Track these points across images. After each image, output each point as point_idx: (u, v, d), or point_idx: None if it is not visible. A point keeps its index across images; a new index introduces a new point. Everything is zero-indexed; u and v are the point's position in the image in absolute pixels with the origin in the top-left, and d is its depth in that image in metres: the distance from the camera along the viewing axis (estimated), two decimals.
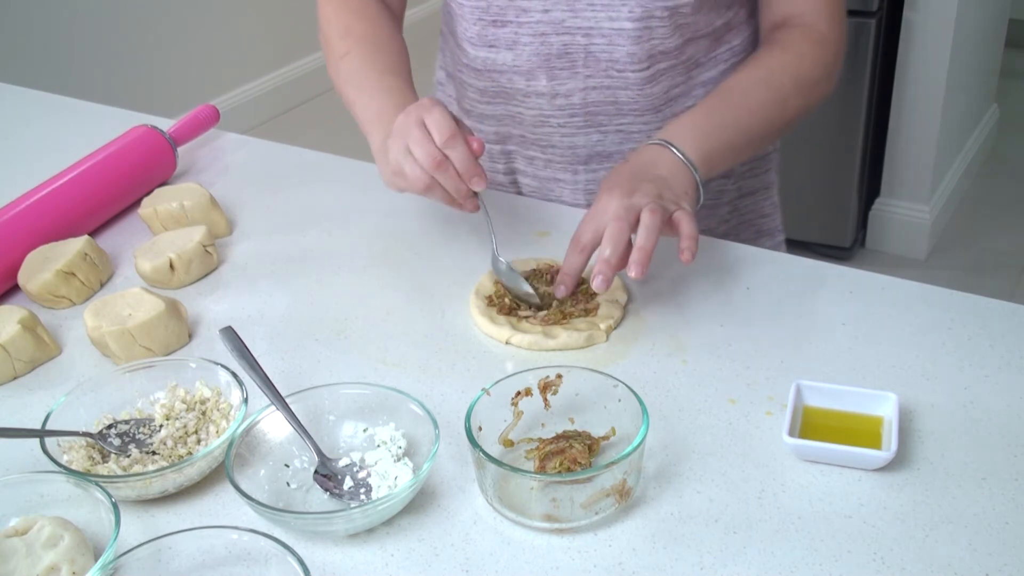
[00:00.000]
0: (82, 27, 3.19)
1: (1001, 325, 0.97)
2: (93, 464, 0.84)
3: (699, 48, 1.18)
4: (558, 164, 1.23)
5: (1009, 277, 2.85)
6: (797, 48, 1.12)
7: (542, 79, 1.16)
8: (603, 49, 1.13)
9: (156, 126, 1.32)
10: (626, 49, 1.12)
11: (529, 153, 1.25)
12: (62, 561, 0.73)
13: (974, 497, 0.79)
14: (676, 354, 0.96)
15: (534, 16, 1.13)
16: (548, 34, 1.13)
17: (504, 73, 1.18)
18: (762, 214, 1.33)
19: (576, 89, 1.16)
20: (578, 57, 1.14)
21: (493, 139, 1.26)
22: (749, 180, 1.30)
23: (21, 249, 1.11)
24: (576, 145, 1.21)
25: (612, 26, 1.11)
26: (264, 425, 0.84)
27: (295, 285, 1.10)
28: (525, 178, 1.28)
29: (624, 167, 1.02)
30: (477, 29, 1.16)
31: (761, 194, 1.32)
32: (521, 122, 1.22)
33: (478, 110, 1.25)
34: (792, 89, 1.11)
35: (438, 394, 0.92)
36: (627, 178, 0.99)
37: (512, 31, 1.14)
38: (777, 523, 0.77)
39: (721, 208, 1.29)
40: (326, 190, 1.29)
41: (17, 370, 0.98)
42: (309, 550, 0.77)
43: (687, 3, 1.10)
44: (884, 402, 0.85)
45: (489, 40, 1.16)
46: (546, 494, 0.78)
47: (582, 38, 1.13)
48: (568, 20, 1.12)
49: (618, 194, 0.96)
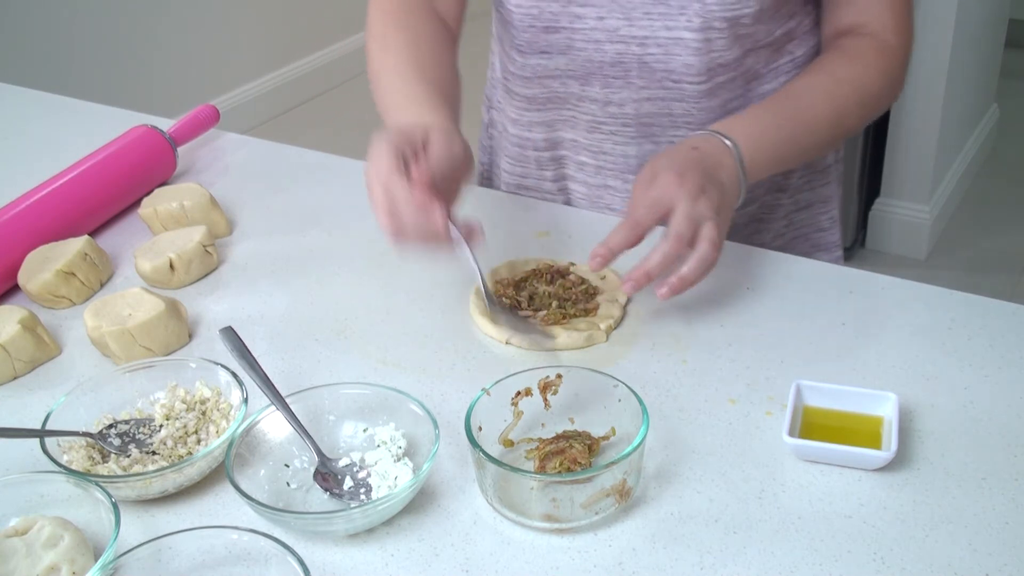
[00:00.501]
0: (82, 27, 3.19)
1: (1001, 325, 0.97)
2: (93, 464, 0.85)
3: (759, 59, 1.14)
4: (609, 171, 1.20)
5: (1009, 277, 2.85)
6: (864, 59, 1.09)
7: (595, 85, 1.14)
8: (658, 59, 1.09)
9: (156, 126, 1.32)
10: (683, 60, 1.09)
11: (580, 159, 1.22)
12: (62, 561, 0.73)
13: (974, 497, 0.79)
14: (676, 354, 0.96)
15: (588, 23, 1.10)
16: (602, 41, 1.10)
17: (557, 78, 1.15)
18: (819, 228, 1.28)
19: (629, 99, 1.13)
20: (632, 67, 1.11)
21: (543, 146, 1.23)
22: (806, 193, 1.26)
23: (21, 249, 1.11)
24: (628, 154, 1.18)
25: (669, 36, 1.08)
26: (264, 425, 0.84)
27: (295, 285, 1.10)
28: (575, 184, 1.24)
29: (694, 155, 0.98)
30: (528, 36, 1.14)
31: (818, 208, 1.27)
32: (574, 127, 1.19)
33: (526, 118, 1.22)
34: (855, 103, 1.08)
35: (438, 394, 0.92)
36: (698, 171, 0.95)
37: (566, 37, 1.12)
38: (777, 523, 0.77)
39: (776, 222, 1.25)
40: (326, 190, 1.29)
41: (17, 370, 0.98)
42: (309, 550, 0.77)
43: (748, 12, 1.06)
44: (884, 402, 0.85)
45: (541, 46, 1.14)
46: (546, 494, 0.78)
47: (637, 47, 1.09)
48: (623, 28, 1.09)
49: (687, 189, 0.93)
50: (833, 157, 1.28)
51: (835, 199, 1.28)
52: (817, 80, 1.08)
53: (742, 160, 1.00)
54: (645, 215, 0.94)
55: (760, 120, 1.04)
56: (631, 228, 0.94)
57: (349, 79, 4.20)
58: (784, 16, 1.13)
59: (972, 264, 2.90)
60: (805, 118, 1.06)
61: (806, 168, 1.24)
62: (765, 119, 1.05)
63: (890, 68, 1.10)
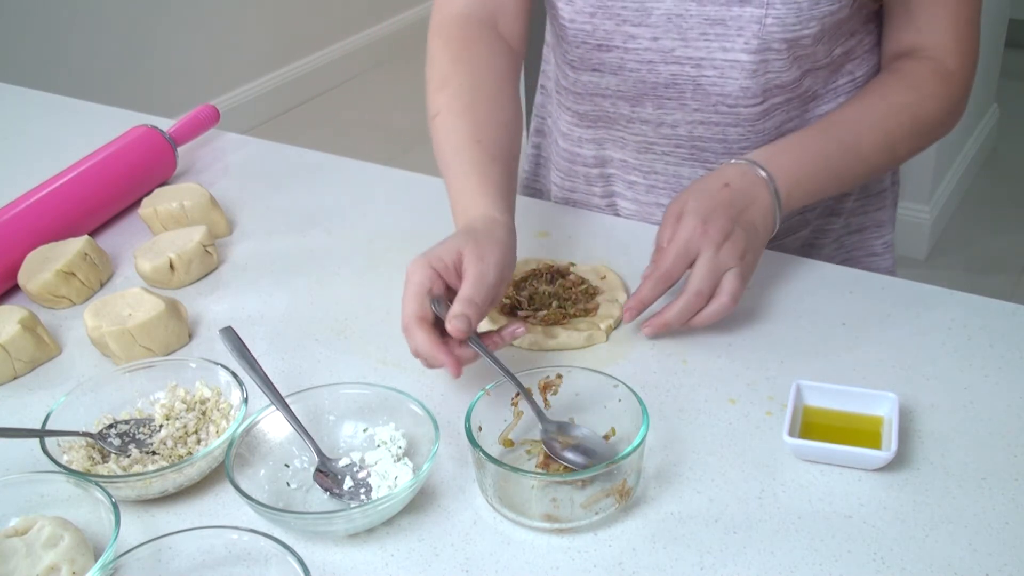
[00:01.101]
0: (82, 27, 3.19)
1: (1001, 325, 0.97)
2: (93, 464, 0.85)
3: (817, 79, 1.10)
4: (661, 190, 1.17)
5: (1009, 277, 2.85)
6: (924, 86, 1.04)
7: (648, 107, 1.10)
8: (713, 82, 1.06)
9: (156, 126, 1.32)
10: (739, 83, 1.05)
11: (630, 178, 1.19)
12: (62, 561, 0.73)
13: (974, 497, 0.79)
14: (676, 354, 0.96)
15: (642, 43, 1.06)
16: (656, 62, 1.07)
17: (608, 97, 1.12)
18: (872, 252, 1.24)
19: (683, 121, 1.10)
20: (686, 88, 1.07)
21: (592, 163, 1.21)
22: (860, 217, 1.22)
23: (21, 249, 1.11)
24: (681, 175, 1.15)
25: (725, 57, 1.04)
26: (264, 425, 0.84)
27: (295, 285, 1.10)
28: (624, 201, 1.22)
29: (725, 194, 0.96)
30: (580, 52, 1.10)
31: (872, 232, 1.23)
32: (624, 147, 1.16)
33: (576, 134, 1.20)
34: (908, 132, 1.04)
35: (438, 394, 0.92)
36: (725, 215, 0.94)
37: (618, 56, 1.08)
38: (777, 523, 0.77)
39: (827, 247, 1.22)
40: (326, 190, 1.29)
41: (17, 370, 0.98)
42: (309, 550, 0.77)
43: (808, 35, 1.02)
44: (884, 402, 0.85)
45: (593, 64, 1.10)
46: (546, 494, 0.78)
47: (692, 69, 1.06)
48: (678, 49, 1.05)
49: (712, 237, 0.92)
50: (890, 179, 1.24)
51: (889, 224, 1.24)
52: (869, 105, 1.05)
53: (777, 193, 0.98)
54: (673, 267, 0.94)
55: (806, 148, 1.01)
56: (660, 281, 0.94)
57: (349, 79, 4.20)
58: (844, 35, 1.09)
59: (972, 264, 2.90)
60: (854, 145, 1.02)
61: (861, 191, 1.21)
62: (812, 147, 1.01)
63: (948, 95, 1.06)
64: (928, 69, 1.06)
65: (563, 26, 1.10)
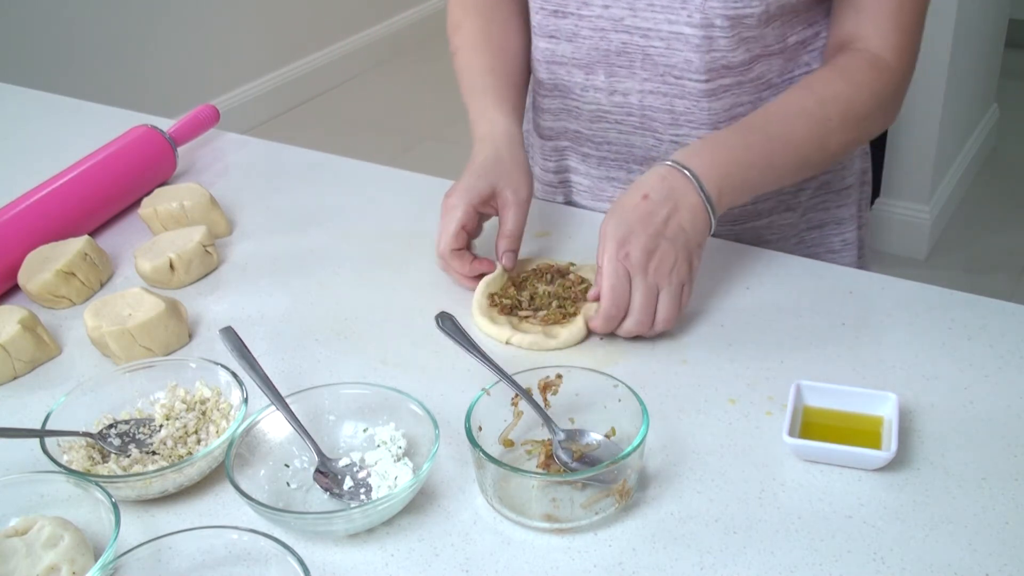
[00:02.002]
0: (82, 27, 3.19)
1: (1001, 325, 0.97)
2: (93, 464, 0.85)
3: (771, 67, 1.11)
4: (612, 162, 1.20)
5: (1009, 277, 2.85)
6: (857, 77, 1.04)
7: (600, 74, 1.13)
8: (661, 53, 1.09)
9: (156, 126, 1.32)
10: (684, 55, 1.08)
11: (583, 150, 1.22)
12: (62, 561, 0.73)
13: (974, 497, 0.79)
14: (676, 354, 0.96)
15: (595, 10, 1.10)
16: (607, 30, 1.10)
17: (563, 65, 1.16)
18: (830, 250, 1.24)
19: (633, 89, 1.13)
20: (636, 57, 1.10)
21: (548, 134, 1.25)
22: (818, 213, 1.23)
23: (21, 249, 1.11)
24: (632, 144, 1.17)
25: (671, 29, 1.07)
26: (264, 425, 0.84)
27: (295, 285, 1.10)
28: (577, 176, 1.25)
29: (644, 207, 0.95)
30: (539, 18, 1.15)
31: (831, 228, 1.24)
32: (578, 116, 1.19)
33: (541, 104, 1.24)
34: (838, 124, 1.03)
35: (438, 394, 0.92)
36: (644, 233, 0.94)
37: (573, 23, 1.12)
38: (777, 523, 0.77)
39: (785, 241, 1.22)
40: (326, 190, 1.29)
41: (17, 370, 0.98)
42: (309, 550, 0.77)
43: (751, 14, 1.04)
44: (884, 402, 0.85)
45: (550, 30, 1.15)
46: (546, 494, 0.78)
47: (640, 39, 1.09)
48: (627, 18, 1.09)
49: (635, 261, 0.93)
50: (858, 178, 1.24)
51: (851, 221, 1.24)
52: (797, 98, 1.04)
53: (705, 190, 0.96)
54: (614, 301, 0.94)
55: (727, 144, 1.00)
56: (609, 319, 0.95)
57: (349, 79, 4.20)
58: (801, 23, 1.10)
59: (972, 264, 2.90)
60: (781, 138, 1.02)
61: (820, 187, 1.21)
62: (732, 141, 1.00)
63: (883, 87, 1.05)
64: (864, 60, 1.05)
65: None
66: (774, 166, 1.02)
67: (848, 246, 1.25)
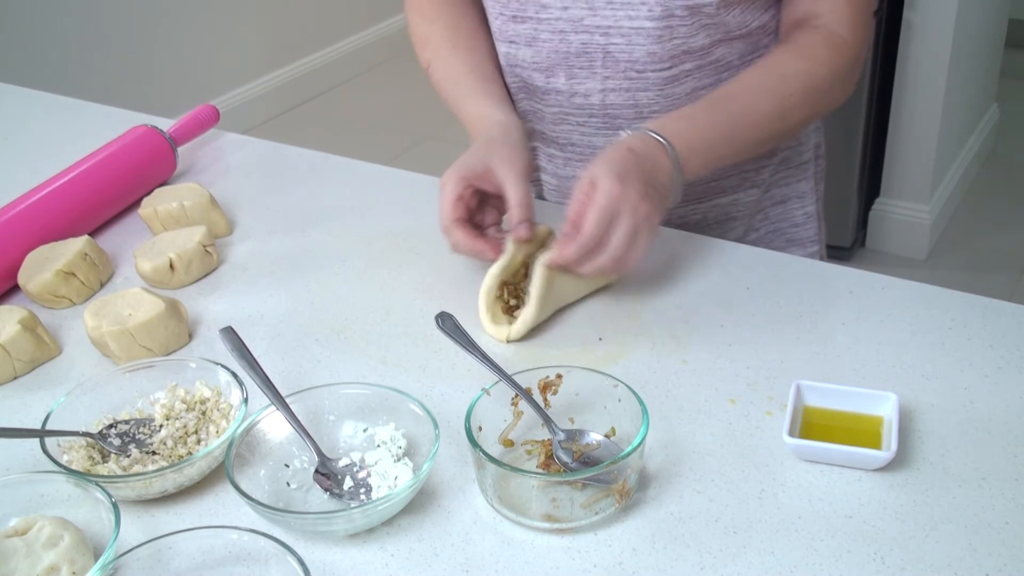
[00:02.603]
0: (82, 27, 3.19)
1: (1001, 325, 0.97)
2: (93, 464, 0.84)
3: (732, 51, 1.13)
4: (577, 163, 1.21)
5: (1009, 277, 2.84)
6: (813, 53, 1.08)
7: (561, 77, 1.14)
8: (622, 49, 1.10)
9: (156, 126, 1.32)
10: (646, 49, 1.09)
11: (549, 151, 1.23)
12: (62, 561, 0.73)
13: (974, 497, 0.79)
14: (676, 354, 0.96)
15: (553, 13, 1.11)
16: (567, 32, 1.11)
17: (524, 69, 1.17)
18: (794, 223, 1.28)
19: (595, 90, 1.13)
20: (596, 57, 1.11)
21: None
22: (781, 188, 1.26)
23: (21, 249, 1.11)
24: (595, 145, 1.18)
25: (631, 25, 1.08)
26: (264, 425, 0.84)
27: (295, 285, 1.10)
28: (546, 175, 1.26)
29: (632, 158, 0.97)
30: (499, 24, 1.15)
31: (794, 203, 1.27)
32: (541, 119, 1.20)
33: None
34: (800, 99, 1.06)
35: (438, 394, 0.92)
36: (639, 176, 0.96)
37: (532, 27, 1.13)
38: (777, 523, 0.77)
39: (750, 217, 1.26)
40: (326, 190, 1.29)
41: (17, 370, 0.98)
42: (309, 550, 0.77)
43: (710, 2, 1.06)
44: (884, 402, 0.85)
45: (509, 36, 1.15)
46: (546, 494, 0.78)
47: (600, 37, 1.10)
48: (587, 18, 1.10)
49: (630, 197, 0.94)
50: (812, 153, 1.28)
51: (812, 195, 1.28)
52: (759, 75, 1.07)
53: (677, 160, 1.00)
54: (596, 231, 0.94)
55: (694, 118, 1.03)
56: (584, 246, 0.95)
57: (349, 79, 4.20)
58: (759, 8, 1.12)
59: (972, 264, 2.90)
60: (745, 114, 1.05)
61: (780, 163, 1.25)
62: (699, 117, 1.04)
63: (840, 62, 1.08)
64: (820, 37, 1.08)
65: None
66: (736, 142, 1.06)
67: (810, 219, 1.29)
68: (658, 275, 1.07)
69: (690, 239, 1.13)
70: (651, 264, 1.08)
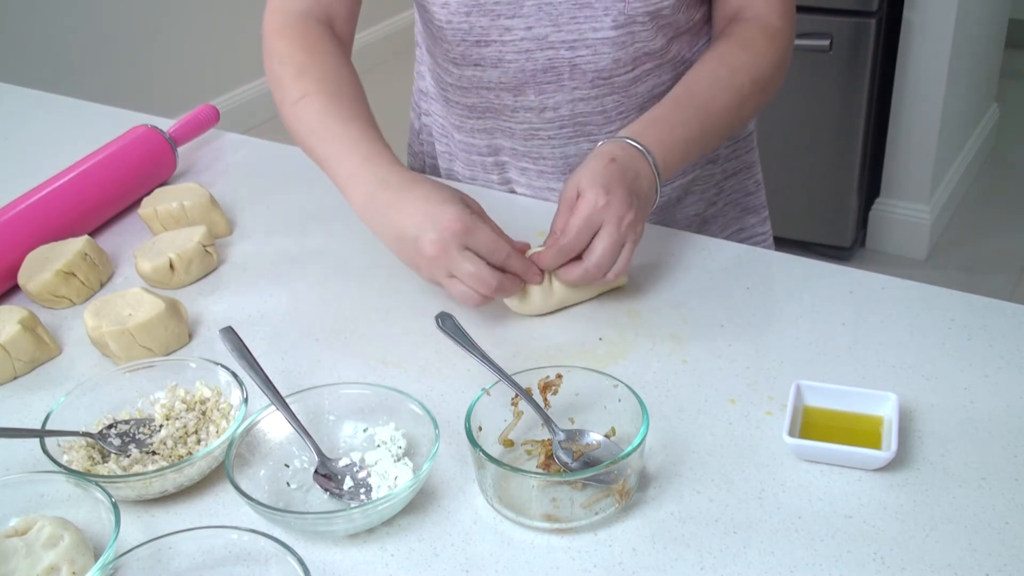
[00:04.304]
0: (82, 27, 3.19)
1: (1001, 325, 0.97)
2: (93, 464, 0.84)
3: (683, 45, 1.18)
4: (550, 174, 1.23)
5: (1009, 277, 2.85)
6: (755, 46, 1.12)
7: (530, 94, 1.16)
8: (588, 60, 1.12)
9: (156, 126, 1.32)
10: (611, 56, 1.12)
11: (521, 164, 1.24)
12: (62, 561, 0.73)
13: (974, 497, 0.79)
14: (676, 354, 0.96)
15: (517, 34, 1.12)
16: (532, 50, 1.12)
17: (492, 90, 1.17)
18: (747, 192, 1.34)
19: (564, 101, 1.15)
20: (564, 70, 1.13)
21: (486, 151, 1.26)
22: (732, 162, 1.31)
23: (21, 249, 1.11)
24: (568, 155, 1.20)
25: (596, 36, 1.10)
26: (264, 425, 0.84)
27: (295, 285, 1.10)
28: (520, 187, 1.27)
29: (614, 168, 0.98)
30: (461, 50, 1.15)
31: (744, 173, 1.33)
32: (511, 135, 1.21)
33: (468, 125, 1.24)
34: (750, 90, 1.10)
35: (438, 394, 0.92)
36: (622, 185, 0.97)
37: (496, 49, 1.14)
38: (777, 523, 0.77)
39: (708, 192, 1.30)
40: (326, 190, 1.28)
41: (17, 370, 0.98)
42: (309, 550, 0.77)
43: (667, 5, 1.10)
44: (884, 402, 0.85)
45: (474, 60, 1.16)
46: (546, 494, 0.78)
47: (567, 51, 1.12)
48: (552, 35, 1.11)
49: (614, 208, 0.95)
50: (753, 124, 1.33)
51: (757, 164, 1.35)
52: (711, 69, 1.10)
53: (656, 165, 1.02)
54: (577, 240, 0.97)
55: (668, 120, 1.05)
56: (563, 254, 0.98)
57: None
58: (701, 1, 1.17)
59: (972, 264, 2.90)
60: (708, 110, 1.08)
61: (730, 139, 1.29)
62: (673, 118, 1.06)
63: (776, 50, 1.12)
64: (756, 29, 1.13)
65: (440, 27, 1.15)
66: (704, 136, 1.08)
67: (759, 186, 1.35)
68: (658, 275, 1.07)
69: (690, 239, 1.13)
70: (651, 264, 1.08)
